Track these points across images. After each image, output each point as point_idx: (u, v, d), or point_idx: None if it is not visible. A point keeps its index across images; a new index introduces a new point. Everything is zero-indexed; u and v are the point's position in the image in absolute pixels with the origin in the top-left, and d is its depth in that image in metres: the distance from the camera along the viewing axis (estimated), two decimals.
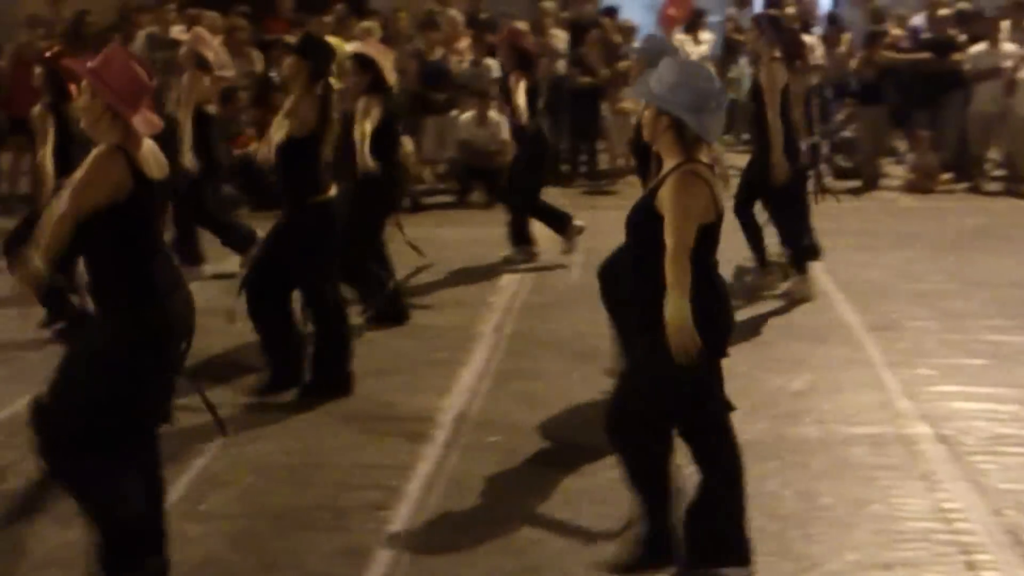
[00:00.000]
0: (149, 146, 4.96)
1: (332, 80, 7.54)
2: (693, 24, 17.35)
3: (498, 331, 9.14)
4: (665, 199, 4.89)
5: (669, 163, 5.01)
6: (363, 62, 8.81)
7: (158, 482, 5.18)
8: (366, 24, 14.85)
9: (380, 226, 9.21)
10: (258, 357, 7.76)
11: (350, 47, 9.05)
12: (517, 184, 11.06)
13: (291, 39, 12.25)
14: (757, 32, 10.07)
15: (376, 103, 8.81)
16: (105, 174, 4.76)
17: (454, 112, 15.05)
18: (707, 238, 4.96)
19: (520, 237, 11.19)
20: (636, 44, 11.14)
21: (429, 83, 15.10)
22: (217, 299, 8.85)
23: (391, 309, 9.14)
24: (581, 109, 15.78)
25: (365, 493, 6.17)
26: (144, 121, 4.85)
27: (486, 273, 10.83)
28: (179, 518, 5.82)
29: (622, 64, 14.90)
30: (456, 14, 16.22)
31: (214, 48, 10.89)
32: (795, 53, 10.20)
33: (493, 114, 14.37)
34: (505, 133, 14.41)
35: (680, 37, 16.25)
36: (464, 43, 15.64)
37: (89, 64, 4.91)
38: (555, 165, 15.77)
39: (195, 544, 5.62)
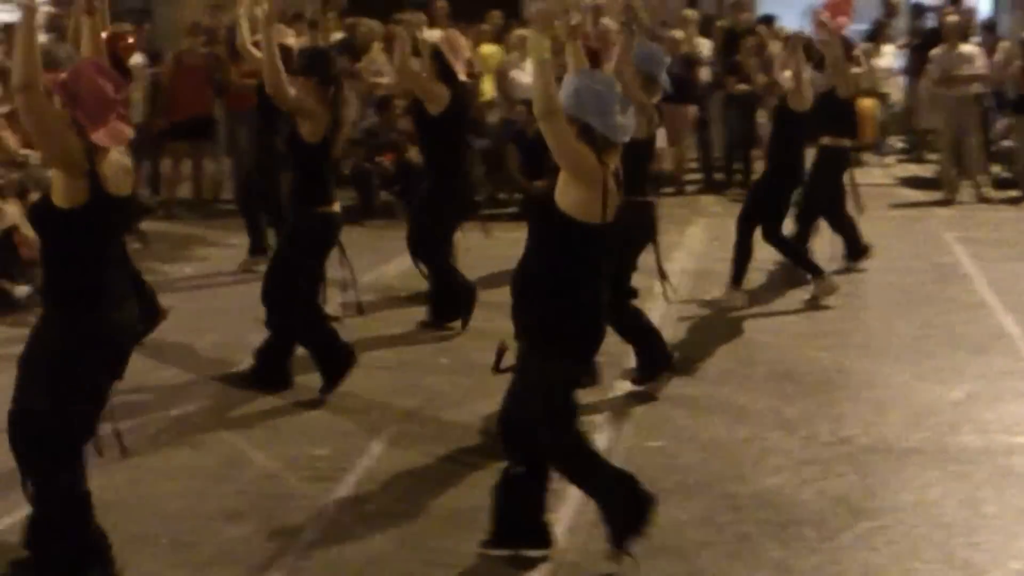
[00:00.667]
0: (115, 160, 5.06)
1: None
2: (874, 34, 17.20)
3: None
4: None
5: None
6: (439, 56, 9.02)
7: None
8: (522, 31, 15.02)
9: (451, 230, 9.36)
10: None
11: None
12: None
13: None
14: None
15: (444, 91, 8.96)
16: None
17: None
18: (593, 243, 5.15)
19: None
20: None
21: None
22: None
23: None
24: (736, 118, 15.74)
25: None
26: (108, 134, 4.92)
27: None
28: (346, 517, 6.05)
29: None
30: (610, 22, 16.25)
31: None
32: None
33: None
34: (663, 140, 14.42)
35: (863, 47, 16.05)
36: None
37: (61, 77, 5.02)
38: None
39: (361, 542, 5.77)
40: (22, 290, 10.07)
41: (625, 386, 7.89)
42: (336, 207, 7.85)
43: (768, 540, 5.76)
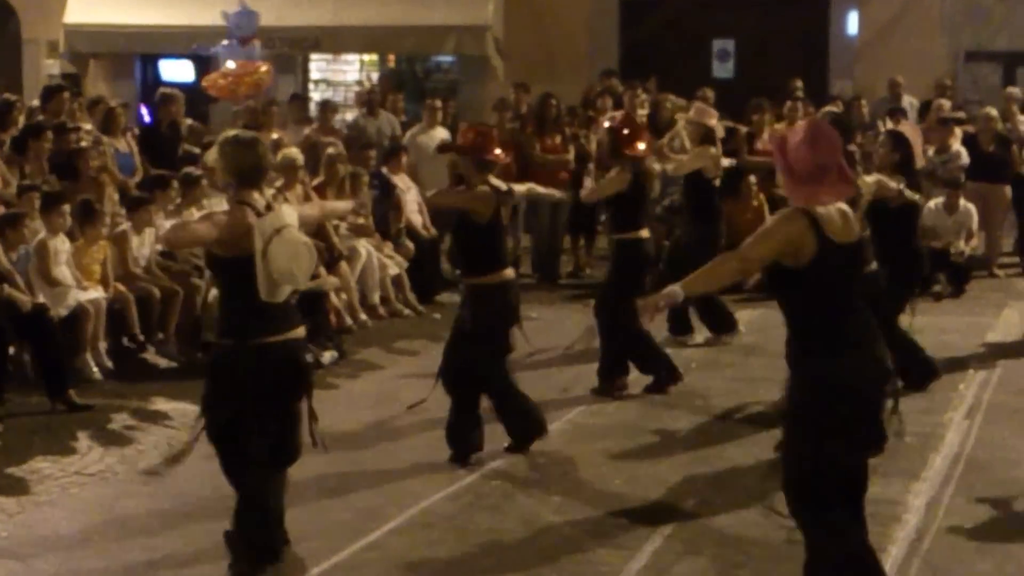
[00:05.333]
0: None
1: None
2: None
3: (971, 416, 8.86)
4: None
5: None
6: (899, 140, 8.94)
7: None
8: (825, 109, 14.82)
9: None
10: None
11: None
12: None
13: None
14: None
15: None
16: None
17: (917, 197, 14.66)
18: None
19: None
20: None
21: None
22: None
23: None
24: None
25: None
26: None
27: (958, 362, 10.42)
28: None
29: None
30: (944, 102, 15.89)
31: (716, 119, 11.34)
32: None
33: (964, 202, 13.94)
34: (974, 223, 13.97)
35: None
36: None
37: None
38: None
39: None
40: (329, 356, 10.43)
41: None
42: None
43: None
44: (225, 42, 16.44)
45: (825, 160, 5.16)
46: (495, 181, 7.94)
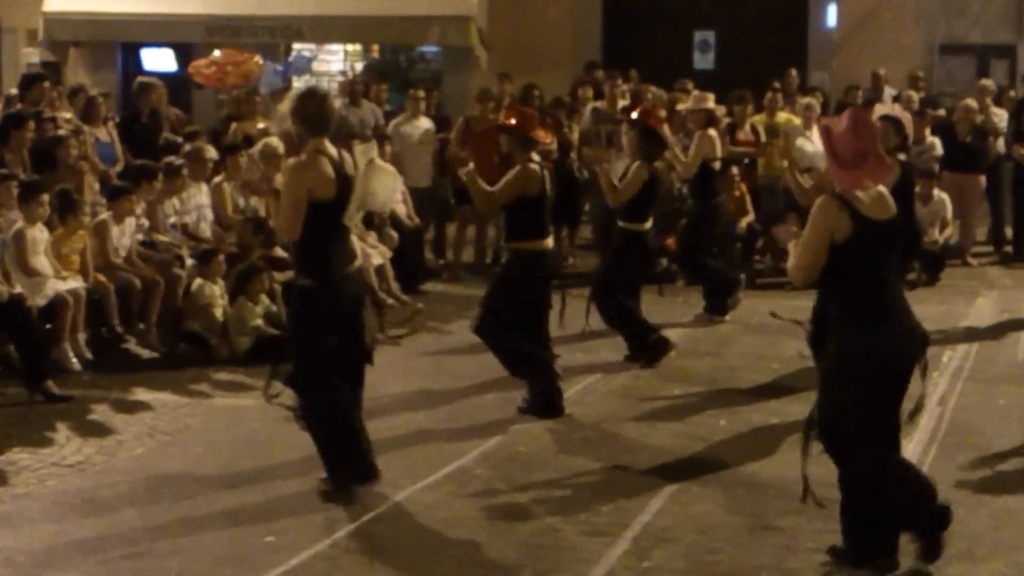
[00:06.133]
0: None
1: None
2: None
3: (943, 404, 8.91)
4: None
5: None
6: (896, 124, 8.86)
7: None
8: (806, 100, 14.93)
9: None
10: None
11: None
12: None
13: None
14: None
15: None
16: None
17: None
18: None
19: None
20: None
21: None
22: None
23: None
24: None
25: (812, 556, 6.12)
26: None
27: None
28: (622, 573, 6.03)
29: None
30: (913, 94, 15.99)
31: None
32: None
33: (938, 192, 14.02)
34: (948, 212, 14.06)
35: None
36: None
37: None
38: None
39: None
40: None
41: None
42: None
43: None
44: None
45: (866, 146, 5.68)
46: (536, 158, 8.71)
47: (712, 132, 11.81)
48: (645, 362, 9.98)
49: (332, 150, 6.85)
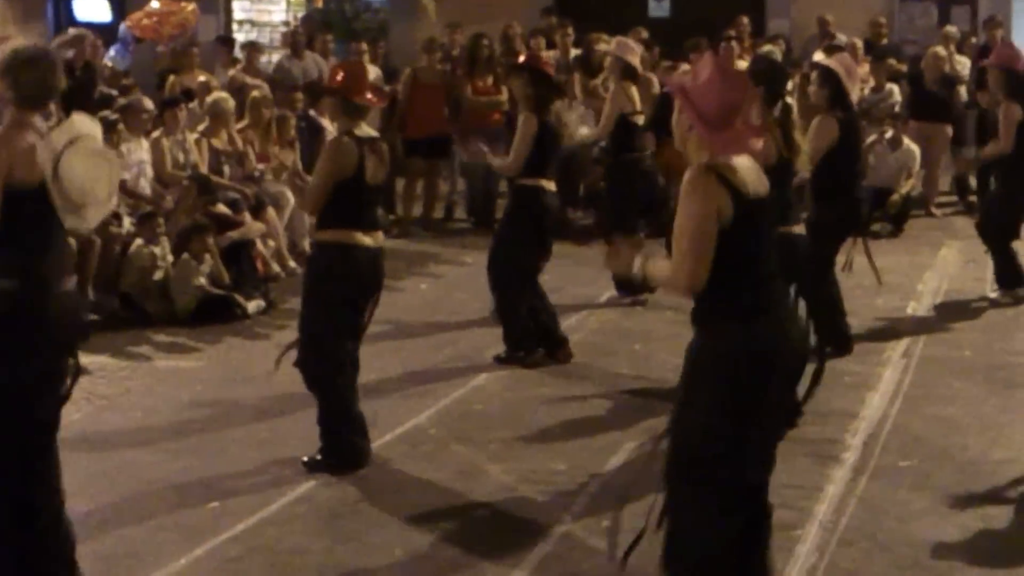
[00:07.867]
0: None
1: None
2: None
3: (907, 355, 8.79)
4: None
5: None
6: (827, 75, 8.44)
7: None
8: (767, 48, 14.66)
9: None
10: None
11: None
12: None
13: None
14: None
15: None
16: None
17: None
18: None
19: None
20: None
21: None
22: None
23: None
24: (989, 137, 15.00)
25: (776, 513, 5.93)
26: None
27: (895, 303, 10.35)
28: (581, 531, 5.88)
29: None
30: (857, 41, 15.83)
31: (639, 55, 10.91)
32: None
33: (907, 142, 13.84)
34: (916, 164, 13.89)
35: None
36: (864, 69, 15.15)
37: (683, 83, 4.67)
38: None
39: (595, 556, 5.54)
40: (255, 305, 10.14)
41: None
42: None
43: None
44: None
45: (734, 98, 4.53)
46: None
47: (631, 87, 10.41)
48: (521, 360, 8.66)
49: (42, 128, 5.23)
